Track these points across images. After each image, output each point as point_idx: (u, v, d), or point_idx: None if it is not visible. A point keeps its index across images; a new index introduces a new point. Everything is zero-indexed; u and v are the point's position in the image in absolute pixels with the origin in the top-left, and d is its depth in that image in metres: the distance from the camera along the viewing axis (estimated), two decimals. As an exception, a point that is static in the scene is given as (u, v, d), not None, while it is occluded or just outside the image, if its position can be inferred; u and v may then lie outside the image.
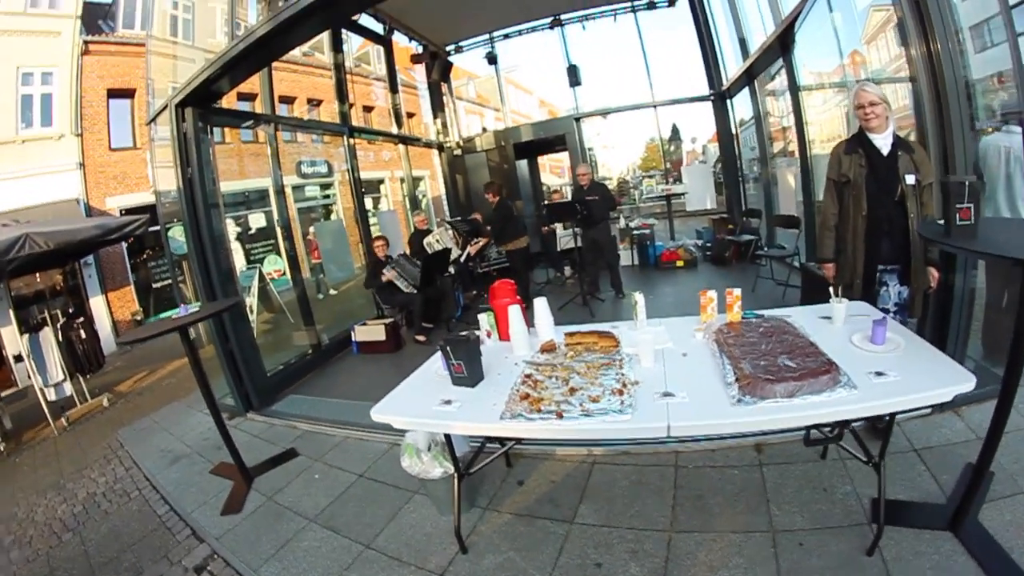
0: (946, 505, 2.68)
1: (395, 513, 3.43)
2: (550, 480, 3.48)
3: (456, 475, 2.90)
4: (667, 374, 2.41)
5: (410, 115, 14.81)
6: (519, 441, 3.25)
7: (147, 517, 4.05)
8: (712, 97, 11.14)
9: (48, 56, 12.40)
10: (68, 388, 7.14)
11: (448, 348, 2.62)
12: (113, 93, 13.37)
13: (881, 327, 2.42)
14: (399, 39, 11.35)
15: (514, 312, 3.05)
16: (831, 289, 2.99)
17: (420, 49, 11.81)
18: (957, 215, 2.30)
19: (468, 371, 2.61)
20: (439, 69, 11.96)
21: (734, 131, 11.26)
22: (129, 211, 11.84)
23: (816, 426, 2.66)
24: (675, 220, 11.90)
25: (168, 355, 9.05)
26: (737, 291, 2.95)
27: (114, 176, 13.18)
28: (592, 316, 6.93)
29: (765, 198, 9.94)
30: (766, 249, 8.67)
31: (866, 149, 3.32)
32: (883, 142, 3.29)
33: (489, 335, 3.28)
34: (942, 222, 2.51)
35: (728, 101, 11.03)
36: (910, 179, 3.18)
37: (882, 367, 2.18)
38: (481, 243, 9.06)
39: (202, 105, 5.46)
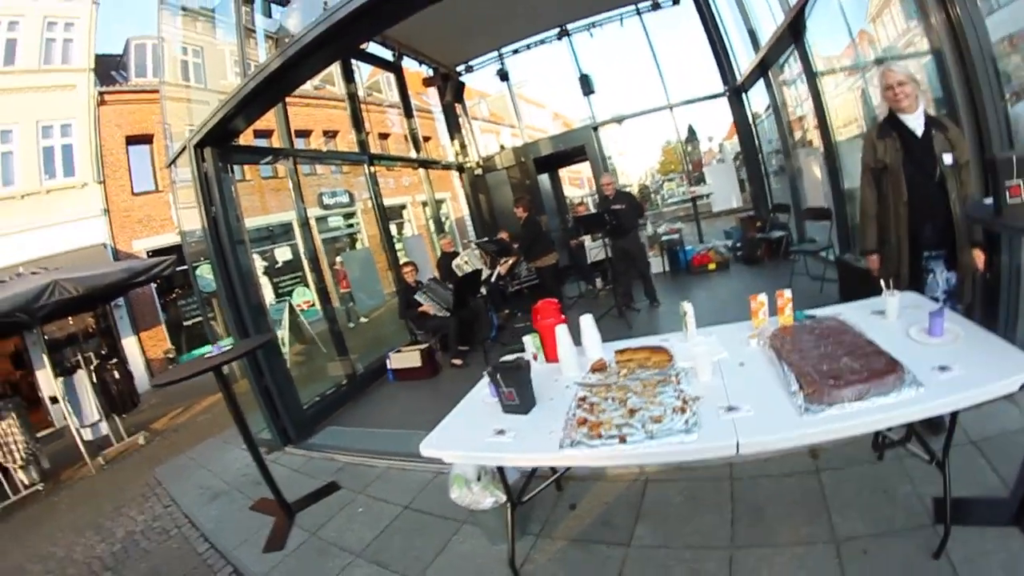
0: (1009, 500, 2.52)
1: (444, 544, 3.33)
2: (603, 502, 3.36)
3: (509, 504, 2.81)
4: (727, 387, 2.31)
5: (427, 139, 14.88)
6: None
7: (187, 555, 4.02)
8: (727, 93, 10.99)
9: (65, 109, 12.79)
10: (104, 428, 7.21)
11: (498, 375, 2.52)
12: (131, 140, 13.78)
13: (939, 318, 2.32)
14: (409, 64, 11.36)
15: (562, 332, 2.94)
16: (882, 282, 2.85)
17: (431, 72, 11.85)
18: (1008, 193, 2.18)
19: (520, 398, 2.51)
20: (452, 90, 12.00)
21: (752, 125, 11.09)
22: (155, 252, 12.09)
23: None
24: (702, 222, 11.72)
25: (202, 391, 9.05)
26: (788, 293, 2.83)
27: (139, 220, 13.49)
28: (629, 328, 6.83)
29: (792, 191, 9.66)
30: (798, 244, 8.45)
31: (900, 132, 3.21)
32: (916, 122, 3.18)
33: (536, 357, 3.17)
34: (990, 201, 2.40)
35: (744, 95, 10.87)
36: (947, 159, 3.07)
37: (945, 361, 2.07)
38: (510, 262, 8.98)
39: (220, 144, 5.50)
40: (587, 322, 3.05)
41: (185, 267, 6.41)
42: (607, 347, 3.06)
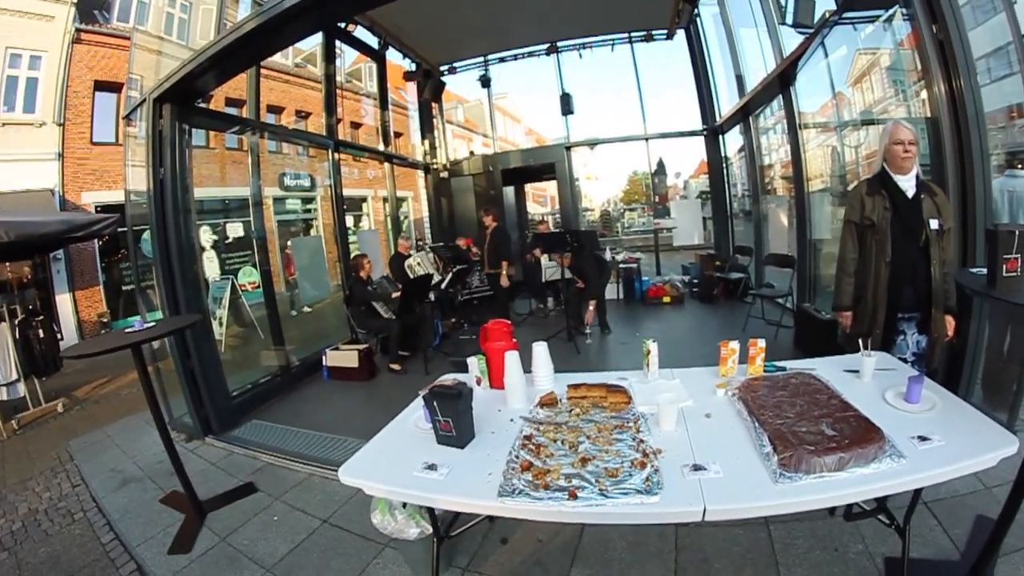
0: (961, 562, 2.62)
1: (362, 569, 3.06)
2: (537, 539, 3.13)
3: (435, 538, 2.56)
4: (692, 440, 2.10)
5: (398, 135, 14.74)
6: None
7: (90, 544, 3.68)
8: (705, 132, 11.24)
9: (39, 39, 12.12)
10: (21, 389, 6.72)
11: (435, 402, 2.22)
12: (100, 85, 13.10)
13: (917, 384, 2.24)
14: (393, 56, 11.19)
15: (512, 360, 2.66)
16: (859, 341, 2.78)
17: (413, 67, 11.70)
18: (1004, 266, 2.17)
19: (457, 430, 2.22)
20: (431, 88, 11.95)
21: (724, 167, 11.29)
22: (104, 208, 11.47)
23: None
24: (661, 255, 11.85)
25: (132, 363, 8.49)
26: (761, 343, 2.71)
27: (92, 171, 12.86)
28: (578, 353, 6.71)
29: (755, 235, 9.87)
30: (757, 288, 8.50)
31: (890, 191, 3.18)
32: (908, 184, 3.17)
33: (479, 382, 2.90)
34: (977, 271, 2.47)
35: (720, 137, 11.08)
36: (934, 223, 3.07)
37: (923, 430, 1.99)
38: (504, 269, 8.67)
39: (182, 103, 5.16)
40: (540, 350, 2.80)
41: (125, 229, 6.02)
42: (559, 379, 2.82)
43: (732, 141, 11.08)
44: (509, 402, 2.64)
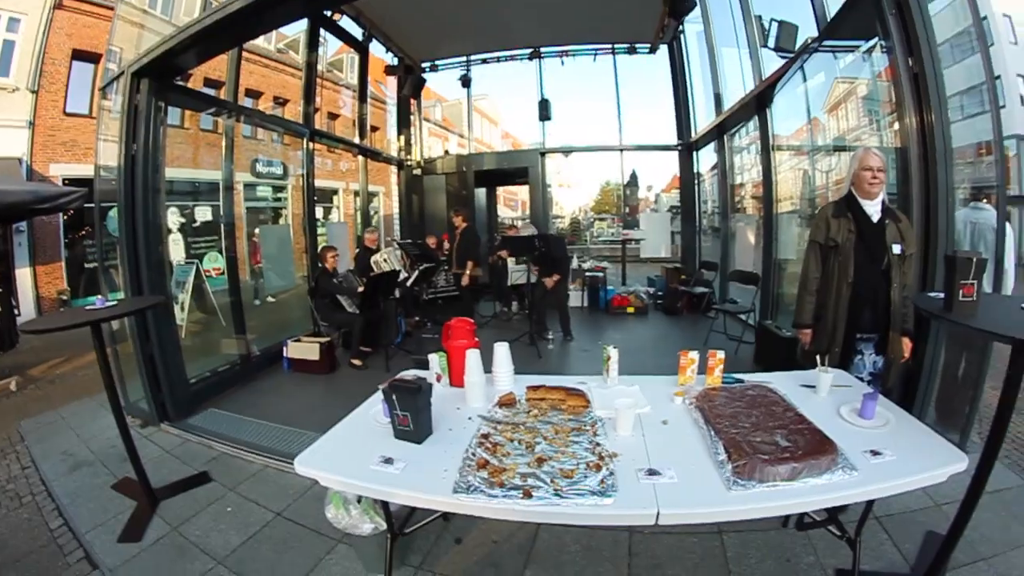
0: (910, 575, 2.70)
1: (315, 564, 3.02)
2: (491, 540, 3.13)
3: (389, 534, 2.55)
4: (648, 446, 2.12)
5: (374, 129, 14.61)
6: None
7: (37, 530, 3.55)
8: (680, 147, 11.39)
9: (19, 1, 11.75)
10: None
11: (394, 396, 2.21)
12: (78, 55, 12.72)
13: (872, 401, 2.33)
14: (376, 49, 11.15)
15: (473, 357, 2.66)
16: (817, 358, 2.84)
17: (395, 61, 11.68)
18: (961, 291, 2.26)
19: (415, 424, 2.21)
20: (412, 84, 11.95)
21: (696, 183, 11.44)
22: (72, 182, 11.02)
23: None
24: (628, 266, 11.97)
25: (90, 343, 8.29)
26: (721, 354, 2.75)
27: (63, 142, 12.49)
28: (539, 357, 6.75)
29: (722, 252, 10.00)
30: (720, 303, 8.63)
31: (856, 214, 3.27)
32: (873, 209, 3.26)
33: (439, 379, 2.89)
34: (935, 295, 2.57)
35: (695, 153, 11.25)
36: (896, 248, 3.17)
37: (876, 445, 2.06)
38: (469, 270, 8.69)
39: (161, 78, 5.07)
40: (502, 351, 2.80)
41: (93, 205, 5.87)
42: (519, 380, 2.83)
43: (706, 158, 11.24)
44: (468, 400, 2.64)
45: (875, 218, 3.24)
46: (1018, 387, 2.21)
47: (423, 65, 12.23)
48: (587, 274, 10.21)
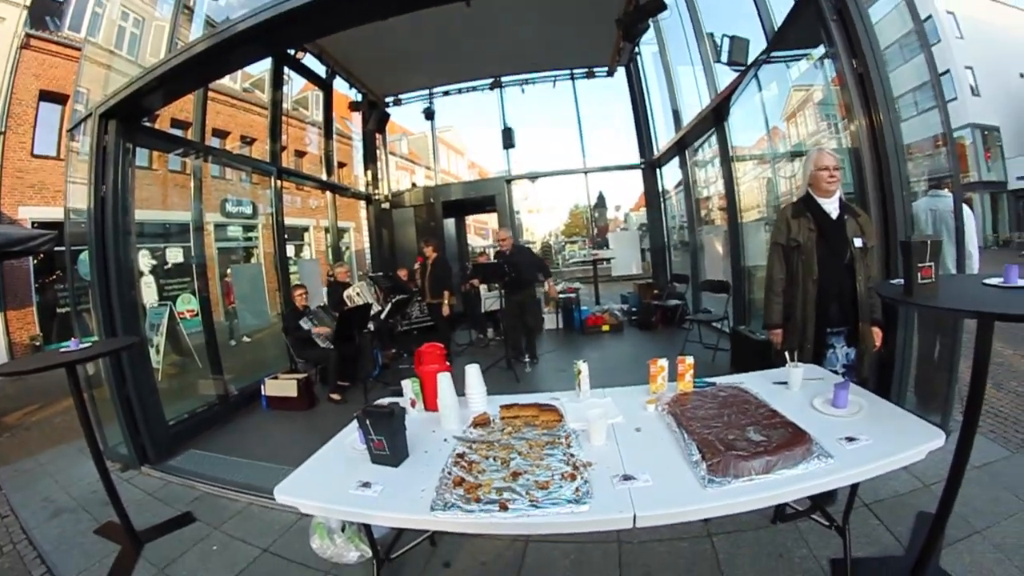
0: (905, 557, 2.74)
1: (302, 598, 2.99)
2: (480, 561, 3.11)
3: (375, 561, 2.53)
4: (622, 453, 2.14)
5: (341, 165, 14.69)
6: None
7: (20, 579, 3.48)
8: (643, 165, 11.63)
9: None
10: None
11: (368, 421, 2.22)
12: (45, 95, 12.78)
13: (843, 390, 2.38)
14: (340, 86, 11.26)
15: (444, 380, 2.68)
16: (786, 354, 2.89)
17: (359, 98, 11.81)
18: (919, 274, 2.30)
19: (391, 448, 2.23)
20: (376, 119, 12.06)
21: (661, 199, 11.68)
22: (42, 225, 10.97)
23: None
24: (600, 285, 12.05)
25: (65, 389, 8.05)
26: (689, 359, 2.78)
27: (32, 184, 12.49)
28: (517, 381, 6.76)
29: (692, 264, 10.19)
30: (693, 314, 8.72)
31: (815, 213, 3.35)
32: (832, 206, 3.34)
33: (414, 404, 2.89)
34: (896, 282, 2.59)
35: (658, 170, 11.47)
36: (858, 242, 3.25)
37: (851, 432, 2.11)
38: (446, 299, 8.61)
39: (128, 120, 5.09)
40: (473, 372, 2.82)
41: (63, 248, 5.84)
42: (492, 400, 2.84)
43: (670, 174, 11.44)
44: (443, 423, 2.64)
45: (834, 215, 3.31)
46: (987, 360, 2.24)
47: (387, 100, 12.36)
48: (560, 296, 10.24)
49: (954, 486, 2.35)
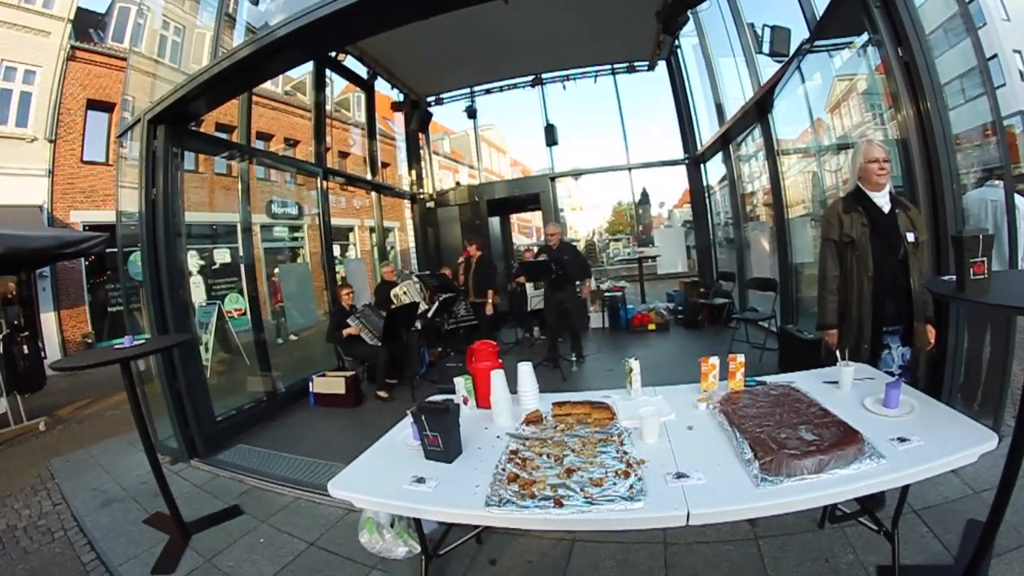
0: (954, 566, 2.65)
1: (350, 591, 3.03)
2: (526, 560, 3.11)
3: (424, 556, 2.56)
4: (675, 451, 2.14)
5: (385, 165, 14.82)
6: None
7: (70, 564, 3.61)
8: (687, 161, 11.43)
9: (34, 54, 12.25)
10: (3, 405, 6.68)
11: (423, 417, 2.25)
12: (92, 104, 13.21)
13: (895, 390, 2.32)
14: (382, 87, 11.36)
15: (498, 377, 2.70)
16: (836, 352, 2.84)
17: (401, 98, 11.87)
18: (971, 269, 2.23)
19: (444, 444, 2.25)
20: (418, 119, 12.08)
21: (706, 195, 11.46)
22: (93, 228, 11.38)
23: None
24: (646, 283, 11.93)
25: (116, 384, 8.32)
26: (741, 357, 2.74)
27: (82, 189, 12.89)
28: (564, 380, 6.74)
29: (738, 261, 10.02)
30: (740, 312, 8.63)
31: (866, 208, 3.27)
32: (883, 200, 3.26)
33: (466, 401, 2.91)
34: (948, 278, 2.54)
35: (702, 165, 11.28)
36: (910, 237, 3.17)
37: (902, 432, 2.07)
38: (490, 298, 8.64)
39: (176, 124, 5.25)
40: (525, 370, 2.83)
41: (115, 249, 6.02)
42: (544, 398, 2.85)
43: (714, 169, 11.23)
44: (495, 420, 2.66)
45: (886, 209, 3.23)
46: None
47: (428, 99, 12.39)
48: (606, 295, 10.21)
49: (1006, 492, 2.27)
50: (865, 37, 4.86)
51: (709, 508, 1.75)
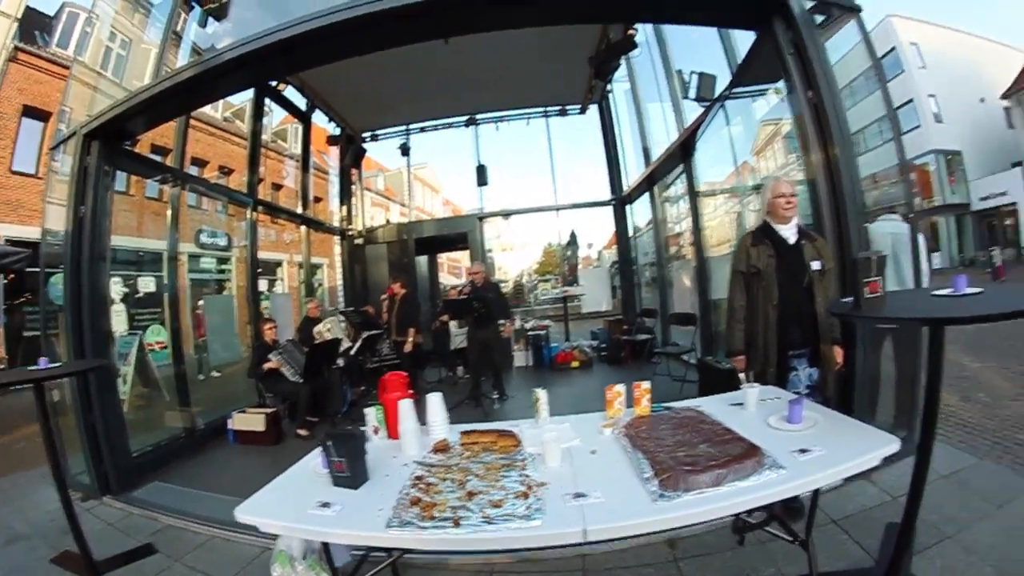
0: (875, 568, 2.75)
1: (263, 629, 2.94)
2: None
3: (336, 589, 2.51)
4: (576, 474, 2.18)
5: (317, 199, 14.69)
6: (407, 551, 2.84)
7: (-29, 606, 3.38)
8: (613, 202, 11.76)
9: None
10: None
11: (330, 444, 2.26)
12: (29, 111, 12.69)
13: (797, 405, 2.44)
14: (319, 119, 11.36)
15: (405, 407, 2.71)
16: (741, 376, 3.02)
17: (338, 131, 11.80)
18: (867, 289, 2.37)
19: (351, 470, 2.25)
20: (352, 154, 12.13)
21: (632, 236, 11.82)
22: (15, 244, 10.81)
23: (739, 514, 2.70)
24: (571, 322, 12.04)
25: (26, 415, 7.76)
26: (646, 384, 2.83)
27: (8, 200, 12.30)
28: (486, 417, 6.68)
29: (661, 298, 10.35)
30: (662, 347, 8.84)
31: (773, 240, 3.47)
32: (789, 232, 3.47)
33: (377, 431, 2.91)
34: (847, 300, 2.64)
35: (628, 207, 11.64)
36: (816, 265, 3.37)
37: (805, 444, 2.18)
38: (411, 336, 8.52)
39: (111, 142, 5.16)
40: (434, 400, 2.85)
41: (37, 270, 5.77)
42: (454, 428, 2.87)
43: (640, 210, 11.61)
44: (404, 449, 2.66)
45: (792, 240, 3.44)
46: (939, 366, 2.29)
47: (364, 135, 12.45)
48: (529, 333, 10.33)
49: (917, 491, 2.38)
50: (776, 83, 5.18)
51: (605, 524, 1.79)
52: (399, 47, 4.91)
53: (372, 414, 2.94)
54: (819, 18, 4.32)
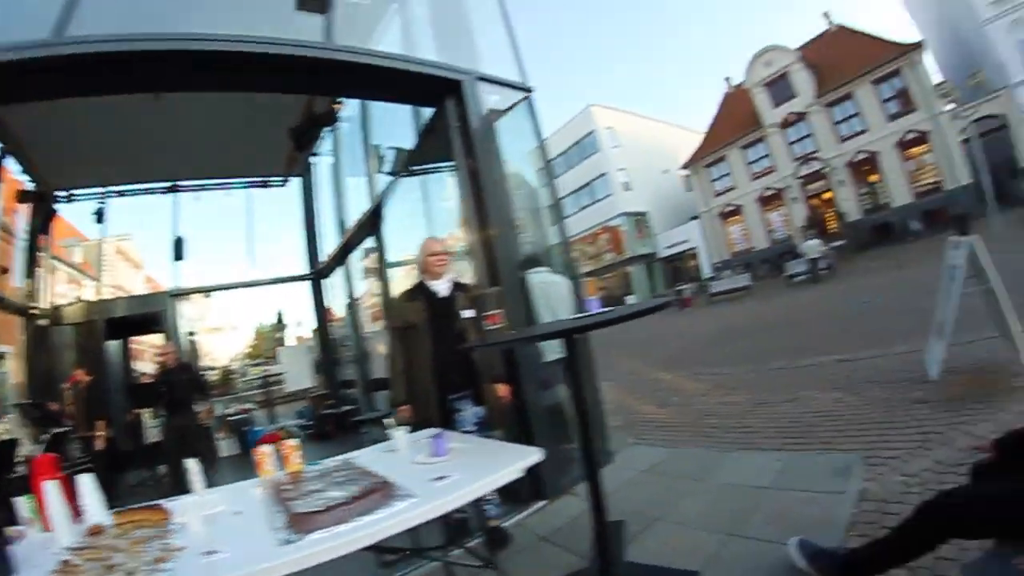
0: (591, 566, 2.98)
1: None
2: None
3: None
4: (216, 535, 2.27)
5: (4, 270, 12.54)
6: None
7: None
8: (312, 277, 11.85)
9: None
10: None
11: None
12: None
13: (439, 439, 2.72)
14: (12, 167, 9.32)
15: (51, 489, 2.53)
16: (383, 421, 3.34)
17: (32, 186, 9.96)
18: (487, 321, 2.76)
19: None
20: (42, 216, 10.31)
21: (329, 309, 12.02)
22: None
23: (390, 549, 2.92)
24: (278, 404, 12.13)
25: None
26: (292, 442, 2.98)
27: None
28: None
29: (360, 368, 10.52)
30: (364, 414, 9.07)
31: (427, 295, 3.81)
32: (442, 286, 3.83)
33: (31, 524, 2.67)
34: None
35: (325, 280, 11.83)
36: (467, 314, 3.72)
37: (443, 472, 2.44)
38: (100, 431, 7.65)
39: None
40: (85, 482, 2.71)
41: None
42: (112, 512, 2.76)
43: (338, 282, 11.61)
44: (58, 538, 2.50)
45: (444, 293, 3.81)
46: (578, 374, 2.73)
47: (58, 194, 10.65)
48: (231, 419, 10.08)
49: (595, 487, 2.77)
50: (448, 163, 5.81)
51: (230, 573, 1.91)
52: (110, 95, 4.83)
53: (23, 504, 2.69)
54: (499, 102, 5.19)
